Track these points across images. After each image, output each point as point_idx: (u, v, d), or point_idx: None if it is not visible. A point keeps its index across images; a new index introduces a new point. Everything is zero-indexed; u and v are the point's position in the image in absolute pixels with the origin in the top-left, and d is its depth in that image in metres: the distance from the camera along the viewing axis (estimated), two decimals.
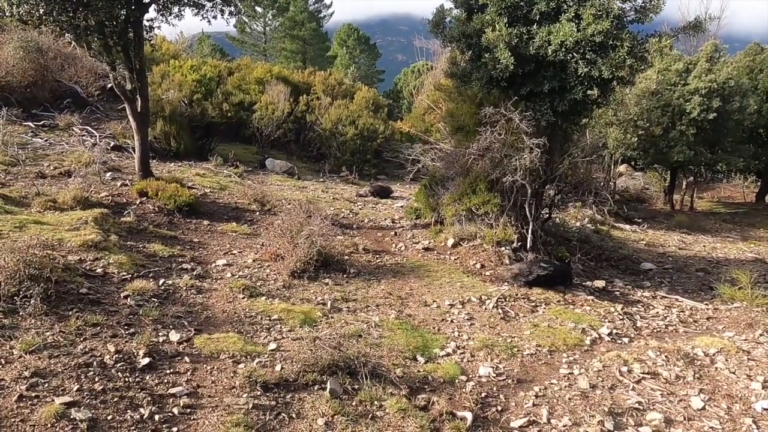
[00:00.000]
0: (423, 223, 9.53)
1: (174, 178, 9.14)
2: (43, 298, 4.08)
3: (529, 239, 7.91)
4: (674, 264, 10.69)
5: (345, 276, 6.57)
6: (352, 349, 4.24)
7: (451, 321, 5.68)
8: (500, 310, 6.09)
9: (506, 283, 7.07)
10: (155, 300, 4.85)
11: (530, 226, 7.87)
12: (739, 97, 16.70)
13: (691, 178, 20.47)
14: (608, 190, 13.83)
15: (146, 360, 3.81)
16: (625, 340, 5.78)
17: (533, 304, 6.47)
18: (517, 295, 6.62)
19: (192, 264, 6.07)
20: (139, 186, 8.12)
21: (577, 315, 6.25)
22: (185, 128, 12.92)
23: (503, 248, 7.95)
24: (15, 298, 4.04)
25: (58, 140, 11.53)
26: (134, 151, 9.59)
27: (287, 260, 6.37)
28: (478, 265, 7.61)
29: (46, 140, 11.35)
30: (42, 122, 12.32)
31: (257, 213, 8.89)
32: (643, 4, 6.95)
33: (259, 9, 32.01)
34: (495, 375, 4.64)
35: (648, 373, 4.87)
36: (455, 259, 7.80)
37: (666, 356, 5.22)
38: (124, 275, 5.22)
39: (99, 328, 4.07)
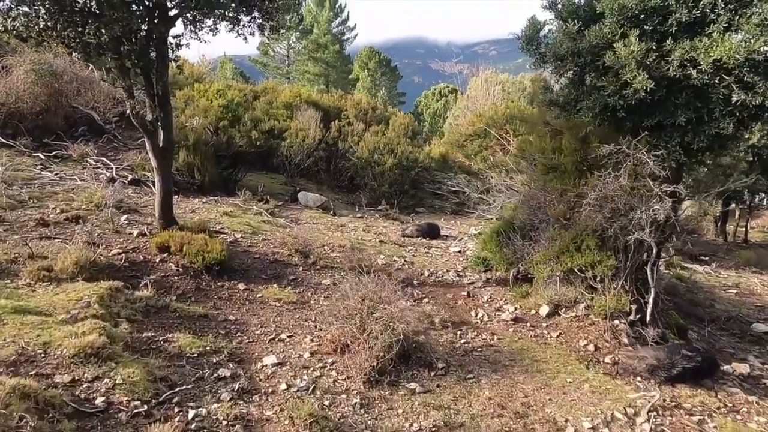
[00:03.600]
0: (496, 278, 7.66)
1: (200, 224, 7.36)
2: None
3: (648, 310, 6.01)
4: None
5: (433, 374, 4.69)
6: None
7: None
8: None
9: (639, 377, 5.16)
10: None
11: (651, 294, 5.97)
12: None
13: (745, 206, 18.46)
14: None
15: None
16: None
17: (693, 417, 4.54)
18: (665, 401, 4.70)
19: (231, 366, 4.23)
20: (159, 239, 6.34)
21: None
22: (210, 158, 11.21)
23: (617, 321, 6.05)
24: None
25: (70, 174, 9.84)
26: (153, 186, 7.85)
27: (356, 355, 4.52)
28: (591, 347, 5.69)
29: (56, 174, 9.67)
30: (54, 153, 10.67)
31: (300, 268, 7.07)
32: None
33: (282, 31, 30.76)
34: None
35: None
36: (558, 337, 5.90)
37: None
38: (136, 406, 3.39)
39: None
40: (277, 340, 4.92)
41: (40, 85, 11.22)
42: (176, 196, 10.15)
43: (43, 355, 3.60)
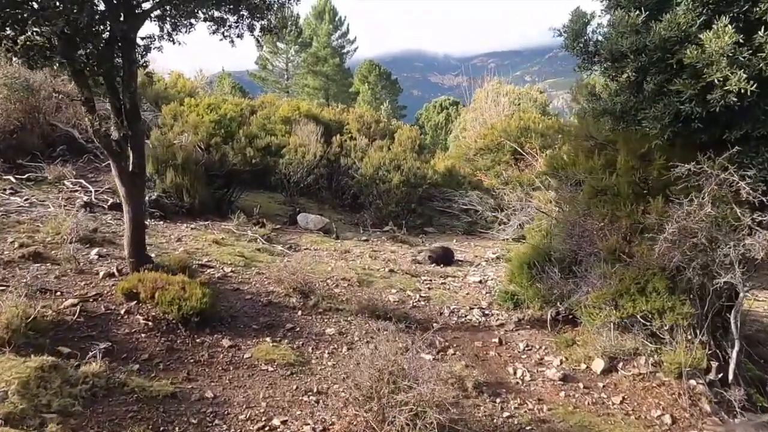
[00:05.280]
0: (529, 317, 6.39)
1: (180, 260, 6.10)
2: None
3: (731, 367, 4.74)
4: None
5: None
6: None
7: None
8: None
9: None
10: None
11: (735, 347, 4.71)
12: None
13: None
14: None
15: None
16: None
17: None
18: None
19: None
20: (126, 284, 5.08)
21: None
22: (201, 178, 9.99)
23: (693, 382, 4.76)
24: None
25: (43, 199, 8.62)
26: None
27: None
28: (667, 419, 4.41)
29: (26, 199, 8.45)
30: (27, 175, 9.47)
31: (299, 312, 5.80)
32: None
33: (281, 45, 29.63)
34: None
35: None
36: (622, 403, 4.61)
37: None
38: None
39: None
40: (267, 429, 3.64)
41: (14, 101, 10.05)
42: (162, 222, 8.96)
43: None
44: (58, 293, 5.01)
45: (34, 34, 4.34)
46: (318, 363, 4.74)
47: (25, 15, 4.05)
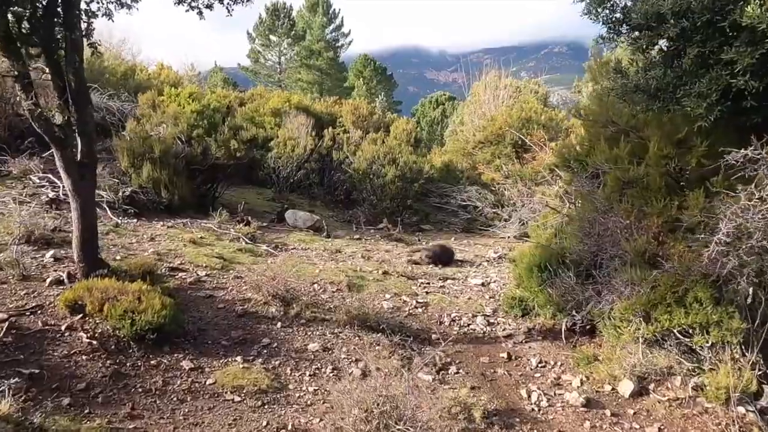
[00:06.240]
0: (540, 326, 5.59)
1: (145, 263, 5.25)
2: None
3: None
4: None
5: None
6: None
7: None
8: None
9: None
10: None
11: None
12: None
13: None
14: None
15: None
16: None
17: None
18: None
19: None
20: (71, 294, 4.24)
21: None
22: (181, 173, 9.15)
23: (742, 409, 3.98)
24: None
25: (4, 195, 7.79)
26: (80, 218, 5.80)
27: None
28: None
29: None
30: None
31: (278, 324, 4.98)
32: None
33: (273, 38, 28.61)
34: None
35: None
36: None
37: None
38: None
39: None
40: None
41: None
42: (136, 220, 8.11)
43: None
44: None
45: None
46: (296, 389, 3.92)
47: None
